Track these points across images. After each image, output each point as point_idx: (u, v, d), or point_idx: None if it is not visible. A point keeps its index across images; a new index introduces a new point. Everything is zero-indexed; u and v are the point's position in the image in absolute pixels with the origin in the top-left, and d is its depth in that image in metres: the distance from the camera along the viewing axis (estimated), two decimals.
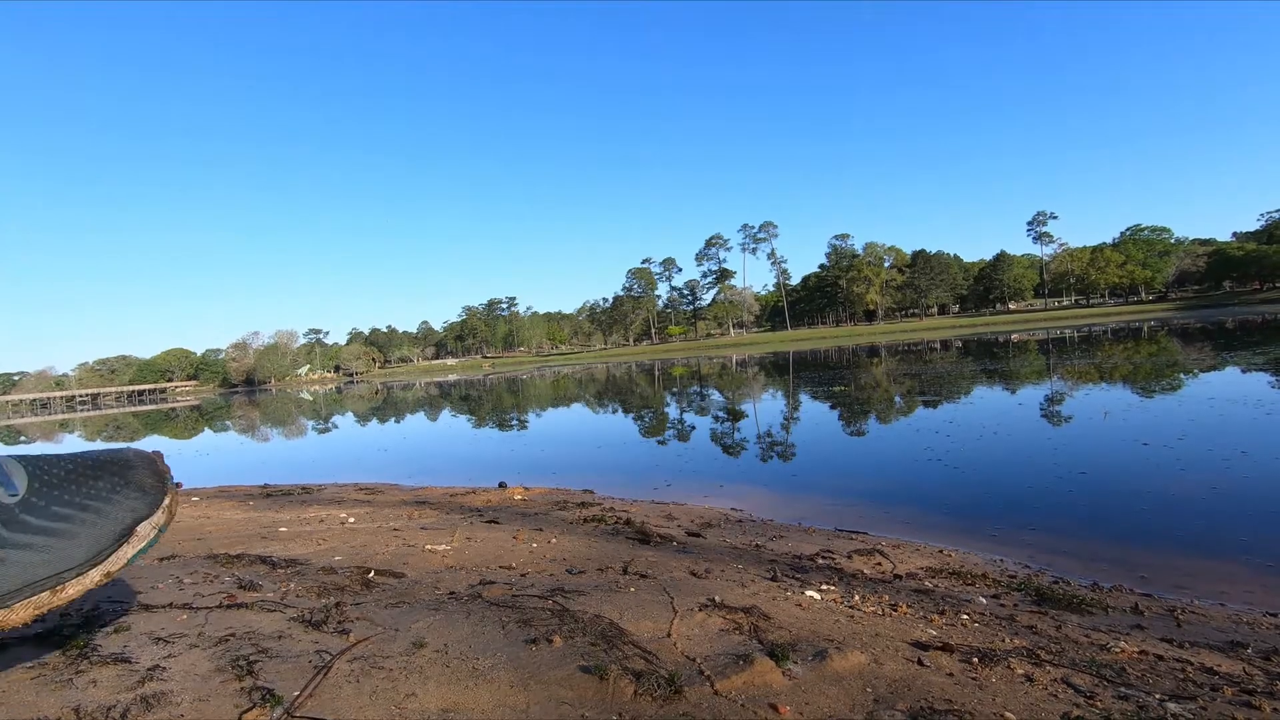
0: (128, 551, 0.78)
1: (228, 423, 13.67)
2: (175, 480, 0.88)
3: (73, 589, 0.74)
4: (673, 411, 8.31)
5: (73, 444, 11.31)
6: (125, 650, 0.96)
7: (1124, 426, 4.35)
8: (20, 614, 0.73)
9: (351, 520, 2.38)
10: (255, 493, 3.36)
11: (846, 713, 0.83)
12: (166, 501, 0.83)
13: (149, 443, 10.12)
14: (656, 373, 20.17)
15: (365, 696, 0.84)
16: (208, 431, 11.68)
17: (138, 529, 0.79)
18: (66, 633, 1.02)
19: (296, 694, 0.83)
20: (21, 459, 0.79)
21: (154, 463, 0.85)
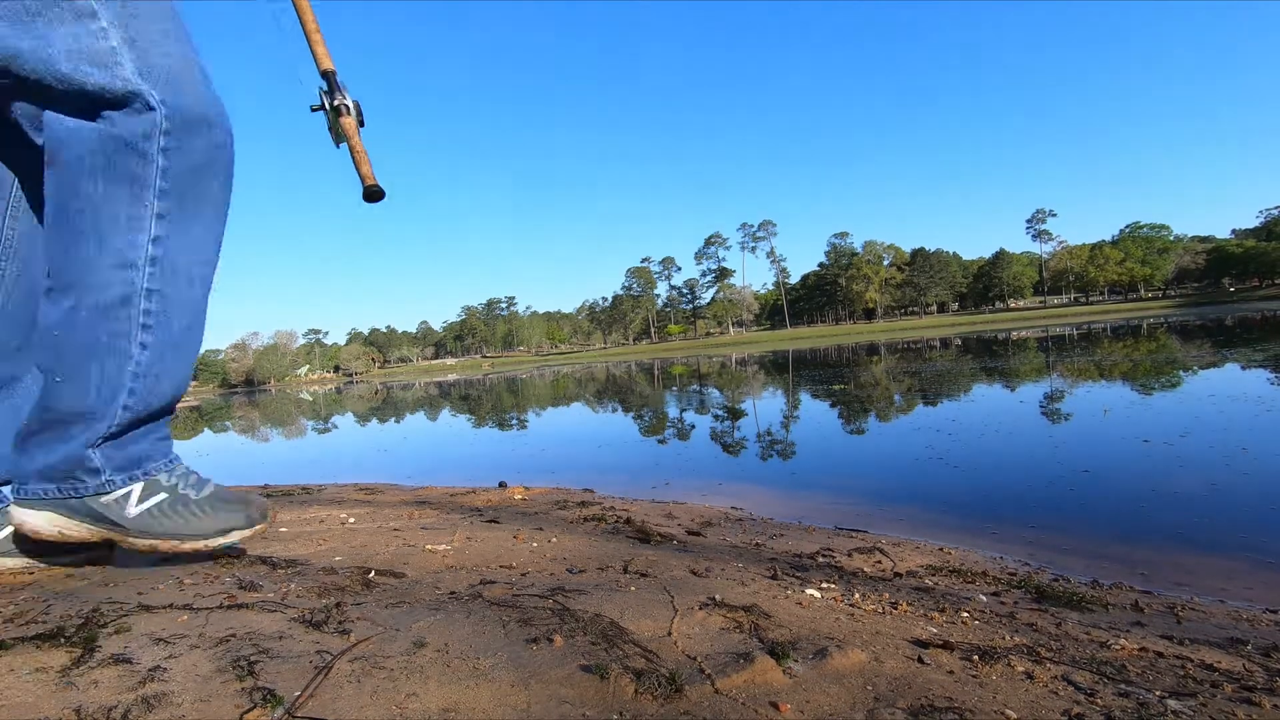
0: (220, 541, 1.28)
1: (227, 423, 13.67)
2: (272, 512, 1.38)
3: (189, 545, 1.25)
4: (672, 410, 8.31)
5: None
6: (126, 651, 0.96)
7: (1125, 424, 4.35)
8: (188, 545, 1.26)
9: (352, 520, 2.38)
10: (255, 493, 3.35)
11: (847, 711, 0.83)
12: (259, 526, 1.32)
13: None
14: (656, 372, 20.16)
15: (366, 696, 0.84)
16: (207, 432, 11.67)
17: (232, 532, 1.28)
18: (68, 633, 1.02)
19: (297, 694, 0.83)
20: None
21: (265, 503, 1.35)
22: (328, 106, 1.38)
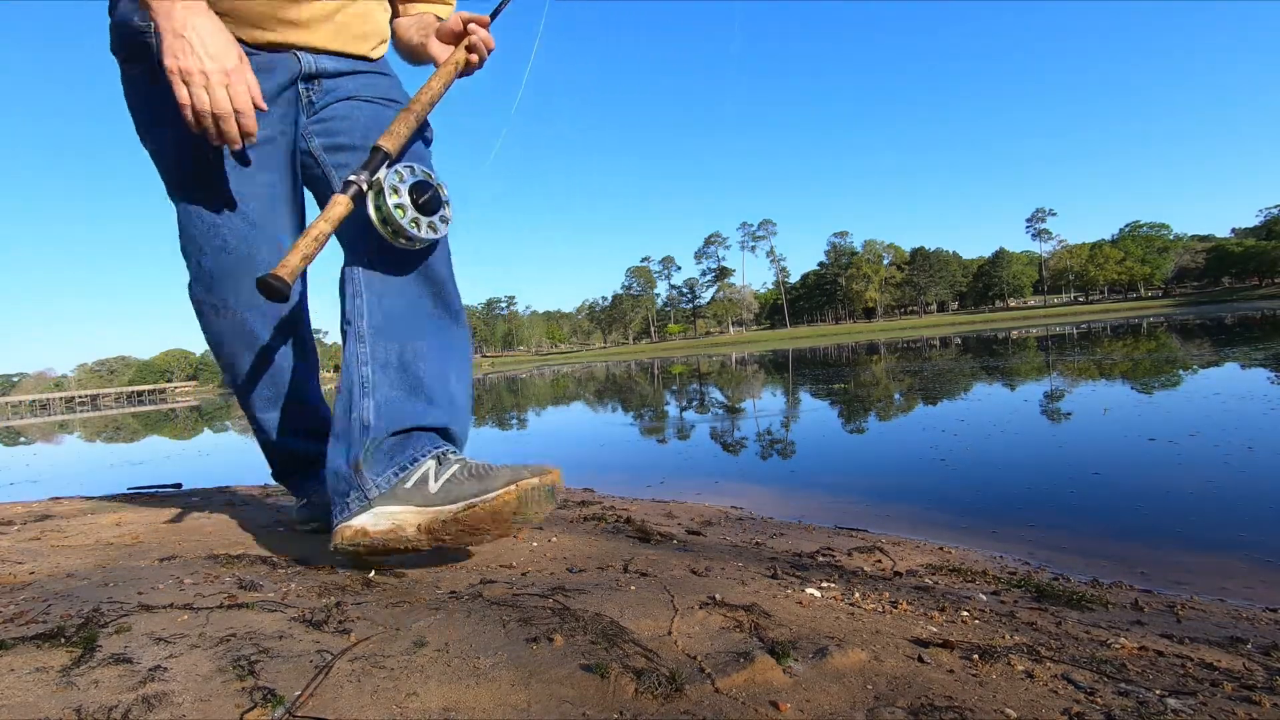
0: (513, 490, 1.39)
1: (227, 424, 13.66)
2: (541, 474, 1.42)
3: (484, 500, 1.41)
4: (672, 410, 8.31)
5: (72, 445, 11.29)
6: (126, 650, 0.96)
7: (1130, 422, 4.35)
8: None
9: None
10: (256, 493, 3.35)
11: (847, 710, 0.83)
12: (530, 480, 1.40)
13: (148, 444, 10.10)
14: (656, 371, 20.17)
15: (366, 696, 0.84)
16: (207, 432, 11.67)
17: (517, 483, 1.38)
18: (68, 633, 1.02)
19: (298, 694, 0.83)
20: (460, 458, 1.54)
21: (546, 470, 1.41)
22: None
